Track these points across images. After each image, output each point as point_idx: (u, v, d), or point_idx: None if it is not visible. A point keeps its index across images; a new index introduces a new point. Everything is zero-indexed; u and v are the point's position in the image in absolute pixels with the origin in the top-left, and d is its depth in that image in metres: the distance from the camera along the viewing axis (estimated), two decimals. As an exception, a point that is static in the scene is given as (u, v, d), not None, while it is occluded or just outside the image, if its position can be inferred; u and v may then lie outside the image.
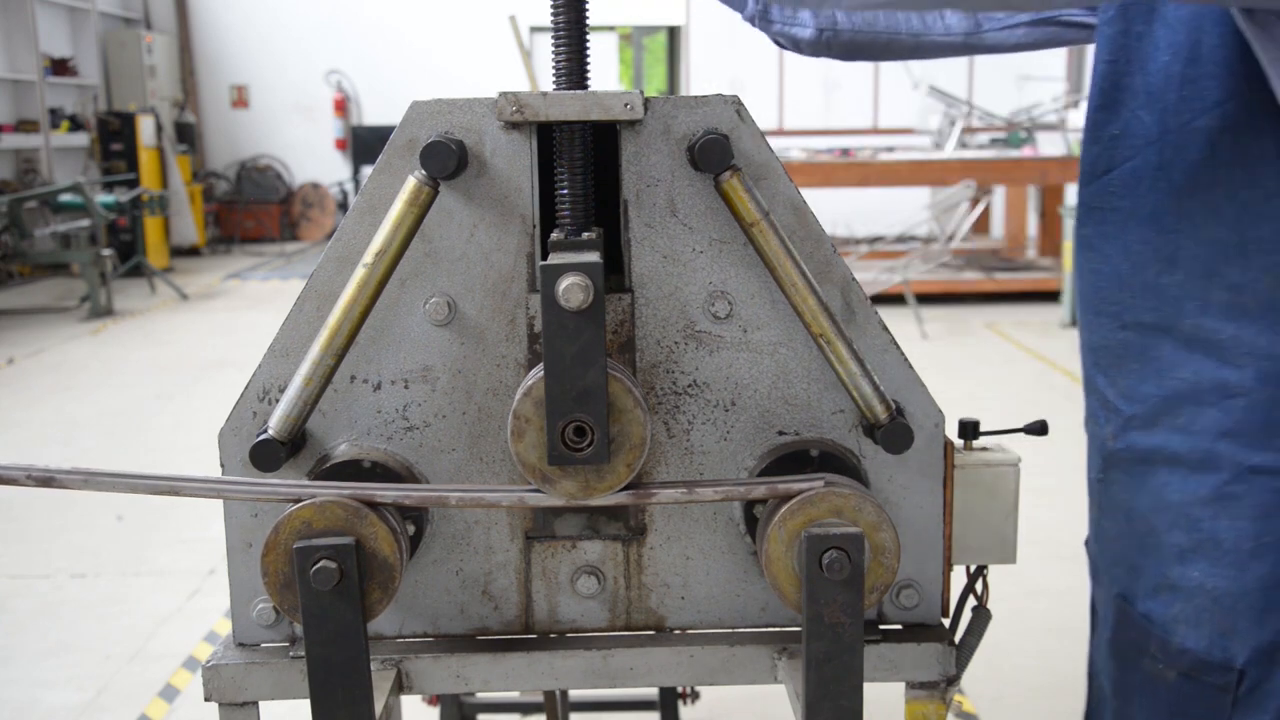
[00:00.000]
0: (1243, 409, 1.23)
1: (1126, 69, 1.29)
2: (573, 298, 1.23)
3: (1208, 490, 1.27)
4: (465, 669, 1.54)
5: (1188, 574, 1.29)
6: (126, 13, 16.10)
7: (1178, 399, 1.29)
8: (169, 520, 5.11)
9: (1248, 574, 1.25)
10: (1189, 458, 1.28)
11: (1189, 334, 1.27)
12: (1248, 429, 1.24)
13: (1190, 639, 1.30)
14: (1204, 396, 1.26)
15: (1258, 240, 1.21)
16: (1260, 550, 1.24)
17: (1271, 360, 1.21)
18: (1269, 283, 1.21)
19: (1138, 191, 1.30)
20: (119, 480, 1.36)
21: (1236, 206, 1.22)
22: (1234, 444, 1.25)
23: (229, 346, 9.06)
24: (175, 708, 3.62)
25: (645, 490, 1.37)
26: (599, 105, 1.41)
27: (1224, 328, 1.24)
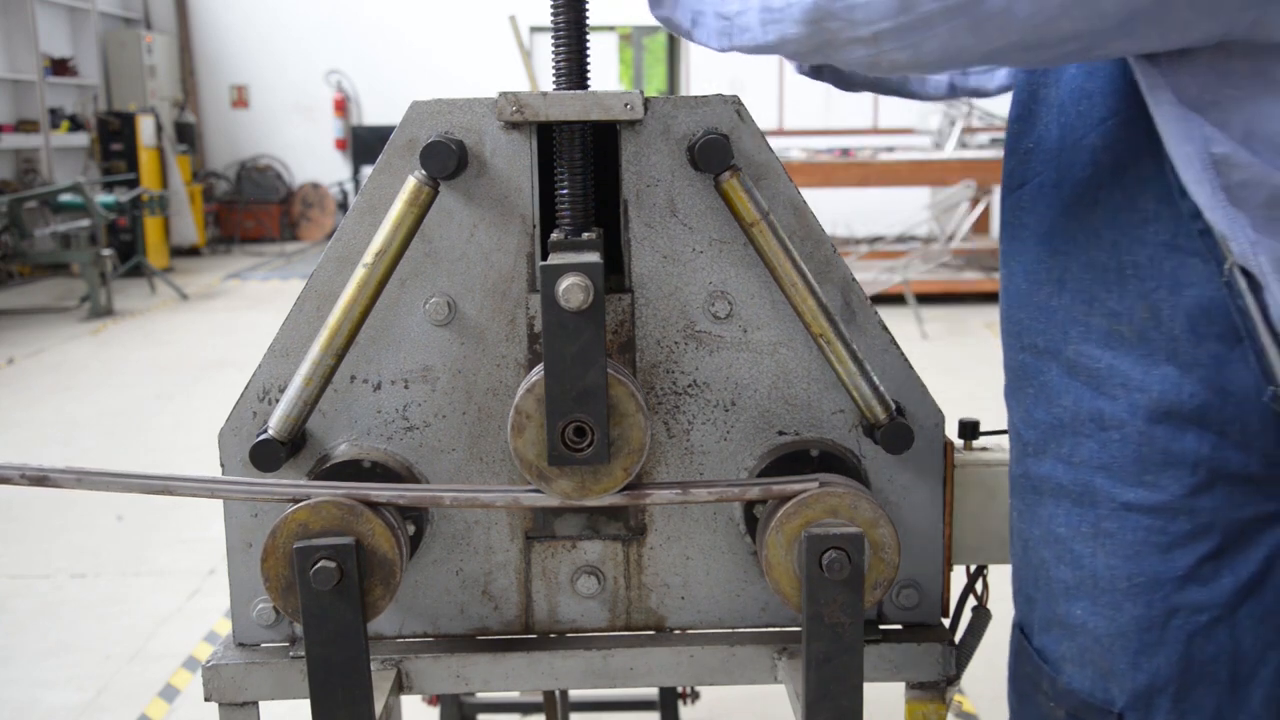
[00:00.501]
0: (1117, 443, 1.18)
1: (1043, 80, 1.25)
2: (573, 298, 1.23)
3: (1088, 525, 1.22)
4: (465, 669, 1.54)
5: (1072, 611, 1.25)
6: (126, 13, 16.10)
7: (1062, 428, 1.24)
8: (169, 520, 5.11)
9: (1123, 614, 1.20)
10: (1071, 490, 1.23)
11: (1071, 361, 1.22)
12: (1120, 464, 1.18)
13: (1076, 679, 1.26)
14: (1083, 427, 1.21)
15: (1135, 266, 1.15)
16: (1134, 590, 1.19)
17: (1144, 393, 1.15)
18: (1144, 312, 1.14)
19: (1039, 208, 1.25)
20: (113, 479, 1.36)
21: (1115, 230, 1.17)
22: (1109, 479, 1.19)
23: (229, 346, 9.06)
24: (175, 708, 3.62)
25: (640, 491, 1.37)
26: (599, 105, 1.41)
27: (1102, 356, 1.19)
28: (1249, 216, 1.07)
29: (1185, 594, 1.16)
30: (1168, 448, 1.15)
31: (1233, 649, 1.15)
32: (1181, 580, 1.16)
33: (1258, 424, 1.11)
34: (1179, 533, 1.16)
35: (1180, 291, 1.13)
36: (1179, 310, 1.13)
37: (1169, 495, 1.16)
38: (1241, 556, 1.14)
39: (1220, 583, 1.15)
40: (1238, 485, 1.13)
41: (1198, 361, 1.12)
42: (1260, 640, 1.14)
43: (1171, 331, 1.13)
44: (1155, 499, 1.16)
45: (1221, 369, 1.11)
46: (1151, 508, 1.17)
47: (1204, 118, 1.06)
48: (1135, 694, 1.20)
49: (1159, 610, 1.18)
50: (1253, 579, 1.13)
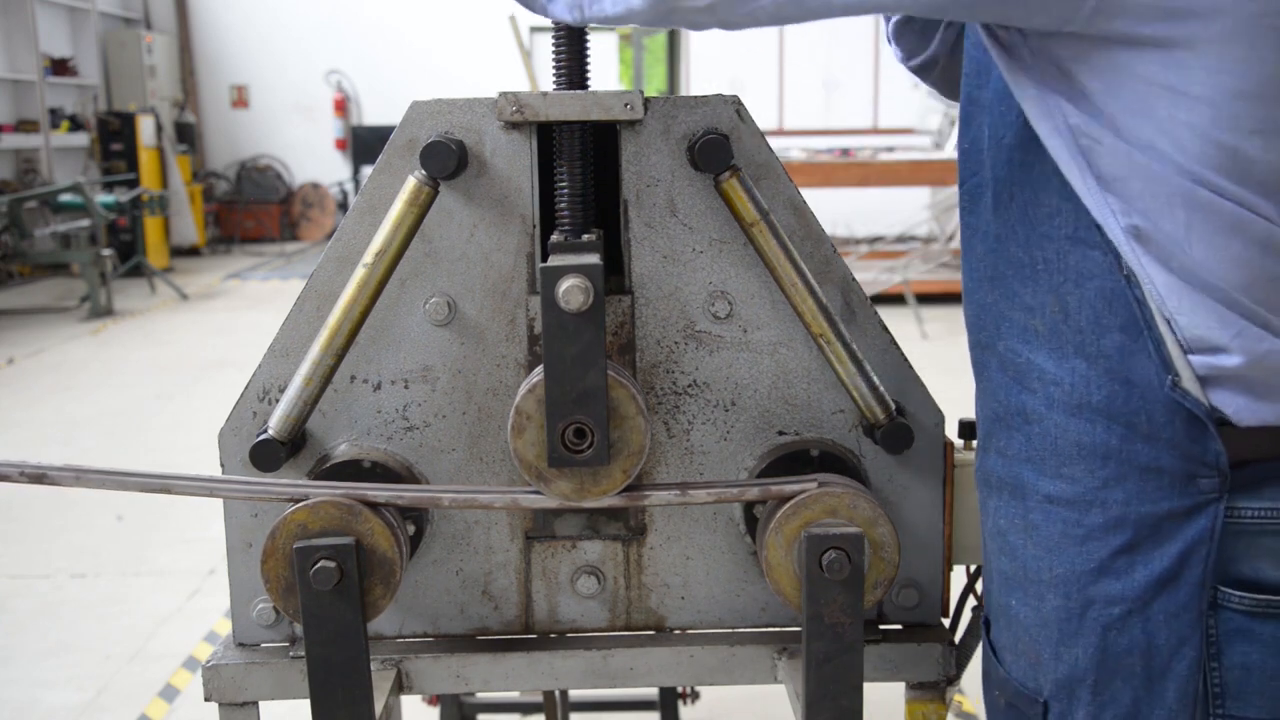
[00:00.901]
0: (1038, 436, 1.21)
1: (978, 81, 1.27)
2: (573, 300, 1.23)
3: (1019, 518, 1.25)
4: (465, 669, 1.54)
5: (1009, 602, 1.28)
6: (126, 13, 16.10)
7: (998, 422, 1.27)
8: (169, 520, 5.10)
9: (1045, 605, 1.23)
10: (1006, 483, 1.26)
11: (1002, 356, 1.25)
12: (1041, 456, 1.21)
13: (1014, 668, 1.29)
14: (1012, 420, 1.24)
15: (1044, 261, 1.18)
16: (1054, 582, 1.21)
17: (1057, 386, 1.18)
18: (1054, 306, 1.17)
19: (977, 207, 1.28)
20: (111, 478, 1.36)
21: (1026, 226, 1.19)
22: (1034, 471, 1.22)
23: (229, 346, 9.06)
24: (175, 708, 3.62)
25: (638, 492, 1.37)
26: (599, 105, 1.41)
27: (1022, 350, 1.22)
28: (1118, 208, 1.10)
29: (1100, 586, 1.18)
30: (1079, 440, 1.17)
31: (1146, 643, 1.17)
32: (1096, 572, 1.18)
33: (1163, 415, 1.13)
34: (1093, 525, 1.18)
35: (1083, 284, 1.15)
36: (1084, 303, 1.15)
37: (1083, 487, 1.18)
38: (1156, 551, 1.15)
39: (1134, 576, 1.16)
40: (1149, 478, 1.14)
41: (1102, 353, 1.15)
42: (1174, 635, 1.15)
43: (1078, 324, 1.16)
44: (1071, 491, 1.19)
45: (1125, 360, 1.14)
46: (1069, 500, 1.19)
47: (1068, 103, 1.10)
48: (1058, 683, 1.23)
49: (1076, 601, 1.20)
50: (1166, 574, 1.15)
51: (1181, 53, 1.03)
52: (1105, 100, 1.08)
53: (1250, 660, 1.13)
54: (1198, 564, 1.13)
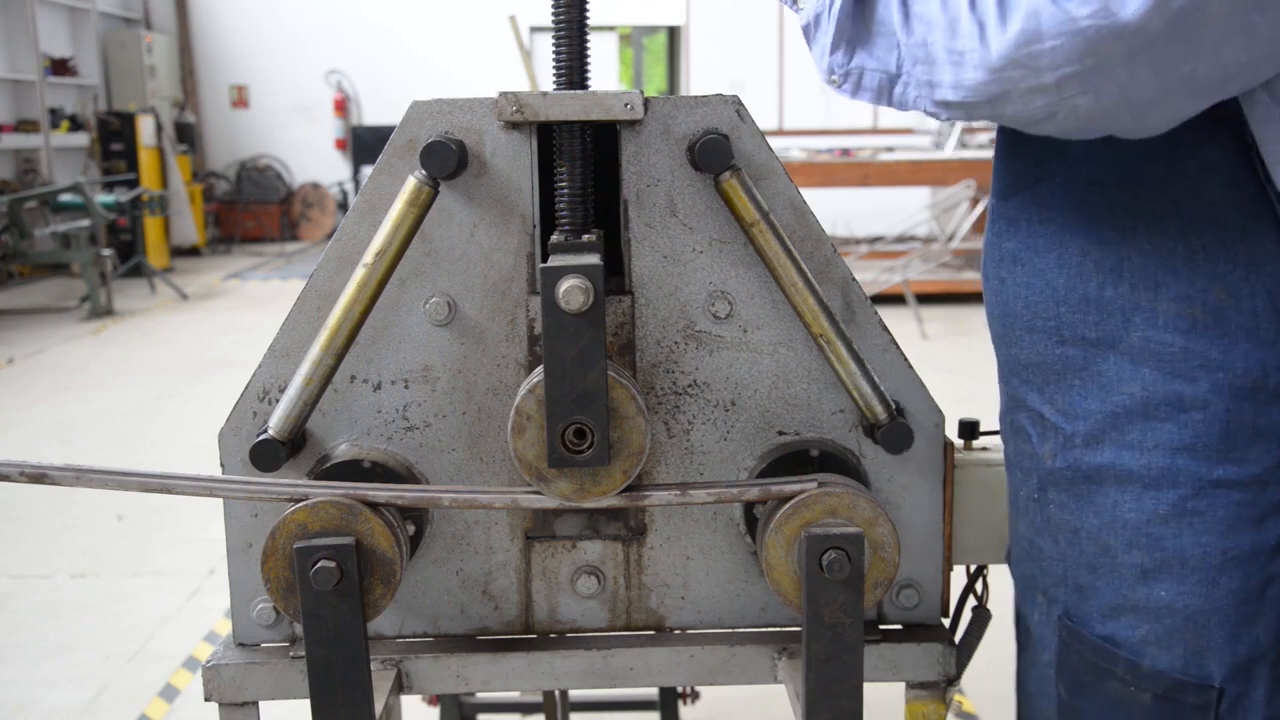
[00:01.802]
0: (1200, 423, 1.21)
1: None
2: (573, 300, 1.23)
3: (1167, 507, 1.25)
4: (465, 669, 1.54)
5: (1153, 594, 1.27)
6: (126, 13, 16.10)
7: (1127, 415, 1.26)
8: (169, 520, 5.11)
9: (1218, 589, 1.23)
10: (1144, 474, 1.26)
11: (1138, 347, 1.25)
12: (1205, 443, 1.22)
13: (1162, 660, 1.27)
14: (1156, 411, 1.24)
15: (1205, 250, 1.19)
16: (1229, 565, 1.22)
17: (1225, 371, 1.19)
18: (1218, 292, 1.19)
19: (1071, 203, 1.28)
20: (111, 477, 1.36)
21: (1180, 217, 1.20)
22: (1193, 458, 1.22)
23: (229, 346, 9.06)
24: (175, 708, 3.62)
25: (638, 492, 1.37)
26: (599, 105, 1.41)
27: (1175, 340, 1.22)
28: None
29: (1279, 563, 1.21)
30: (1255, 423, 1.20)
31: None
32: (1276, 549, 1.21)
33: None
34: (1271, 503, 1.20)
35: (1257, 270, 1.18)
36: (1258, 289, 1.17)
37: (1260, 468, 1.20)
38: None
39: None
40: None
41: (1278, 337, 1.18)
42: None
43: (1252, 309, 1.18)
44: (1246, 473, 1.20)
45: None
46: (1242, 482, 1.21)
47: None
48: (1235, 666, 1.24)
49: (1255, 582, 1.22)
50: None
51: None
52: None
53: None
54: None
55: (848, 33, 1.24)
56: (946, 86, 1.16)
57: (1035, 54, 1.06)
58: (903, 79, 1.21)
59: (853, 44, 1.24)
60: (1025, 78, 1.08)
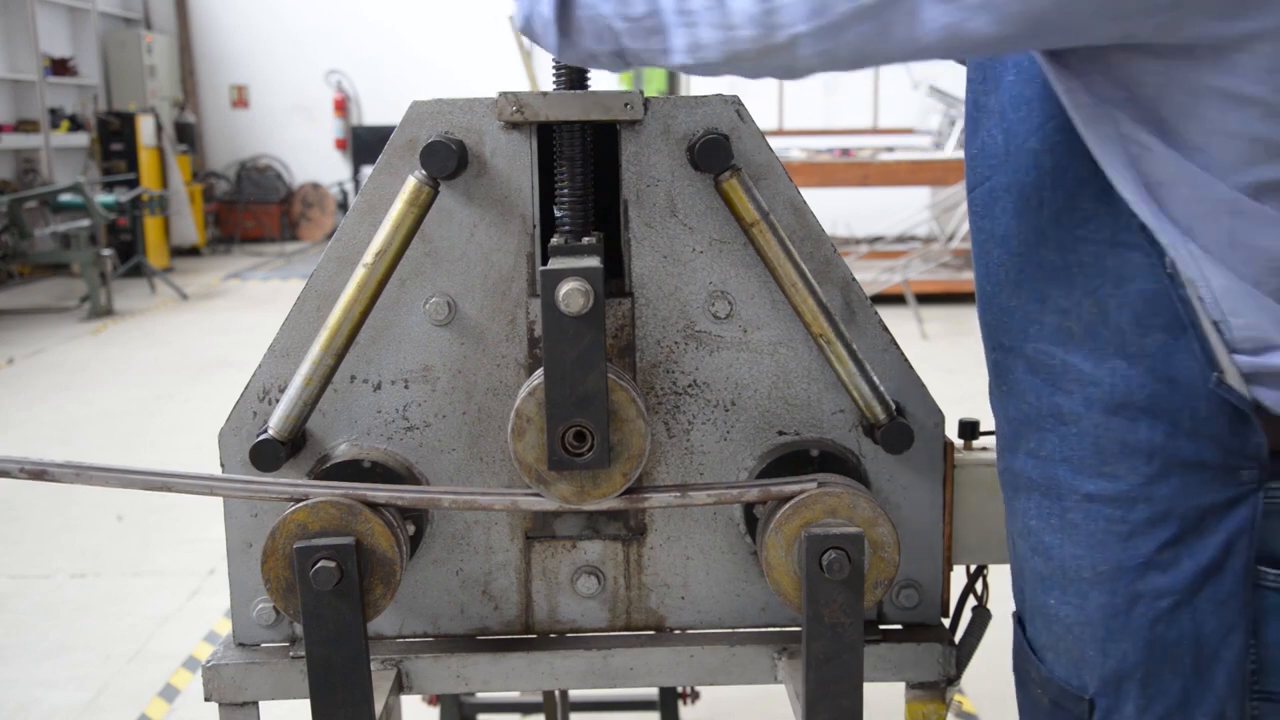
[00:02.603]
0: (1075, 436, 1.22)
1: (983, 88, 1.28)
2: (573, 303, 1.23)
3: (1055, 518, 1.26)
4: (465, 669, 1.54)
5: (1047, 601, 1.29)
6: (126, 13, 16.10)
7: (1028, 423, 1.28)
8: (169, 520, 5.10)
9: (1090, 603, 1.23)
10: (1039, 484, 1.27)
11: (1031, 358, 1.26)
12: (1079, 456, 1.22)
13: (1056, 666, 1.30)
14: (1045, 422, 1.25)
15: (1079, 264, 1.19)
16: (1098, 579, 1.22)
17: (1096, 386, 1.19)
18: (1091, 308, 1.19)
19: (994, 211, 1.29)
20: (111, 475, 1.36)
21: (1060, 230, 1.21)
22: (1070, 471, 1.23)
23: (229, 346, 9.06)
24: (175, 708, 3.62)
25: (638, 495, 1.37)
26: (599, 105, 1.41)
27: (1055, 353, 1.23)
28: (1172, 214, 1.11)
29: (1147, 581, 1.19)
30: (1123, 439, 1.18)
31: (1195, 633, 1.18)
32: (1143, 567, 1.19)
33: (1206, 411, 1.14)
34: (1139, 521, 1.19)
35: (1124, 286, 1.16)
36: (1124, 304, 1.16)
37: (1127, 485, 1.19)
38: (1200, 542, 1.16)
39: (1180, 568, 1.17)
40: (1193, 473, 1.16)
41: (1145, 353, 1.16)
42: (1221, 623, 1.17)
43: (1118, 325, 1.17)
44: (1114, 489, 1.20)
45: (1168, 359, 1.15)
46: (1111, 497, 1.20)
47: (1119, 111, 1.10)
48: (1105, 680, 1.24)
49: (1123, 597, 1.21)
50: (1212, 563, 1.16)
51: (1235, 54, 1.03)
52: (1156, 105, 1.09)
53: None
54: (1241, 551, 1.15)
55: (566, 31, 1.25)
56: (681, 51, 1.17)
57: (769, 10, 1.09)
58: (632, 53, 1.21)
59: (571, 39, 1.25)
60: (758, 38, 1.12)
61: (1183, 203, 1.11)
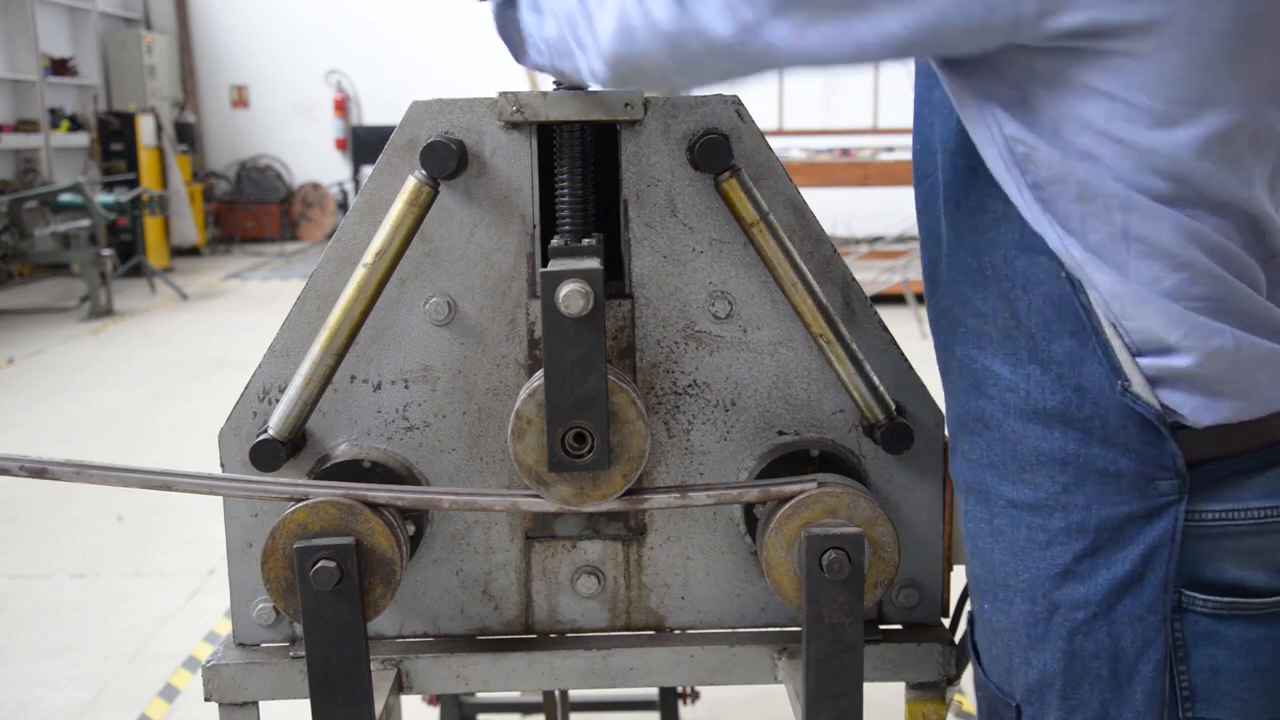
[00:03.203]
0: (998, 441, 1.21)
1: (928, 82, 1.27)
2: (573, 304, 1.23)
3: (985, 523, 1.25)
4: (465, 669, 1.54)
5: (983, 605, 1.29)
6: (126, 13, 16.09)
7: (961, 426, 1.28)
8: (169, 520, 5.10)
9: (1014, 610, 1.23)
10: (973, 487, 1.27)
11: (959, 361, 1.25)
12: (1001, 462, 1.21)
13: (991, 671, 1.30)
14: (973, 425, 1.25)
15: (993, 267, 1.18)
16: (1021, 587, 1.21)
17: (1013, 393, 1.18)
18: (1005, 312, 1.17)
19: (932, 209, 1.28)
20: (111, 473, 1.36)
21: (974, 232, 1.19)
22: (996, 476, 1.22)
23: (229, 346, 9.05)
24: (175, 708, 3.62)
25: (638, 496, 1.37)
26: (599, 105, 1.41)
27: (977, 357, 1.22)
28: (1059, 214, 1.10)
29: (1065, 590, 1.18)
30: (1037, 446, 1.18)
31: (1112, 646, 1.17)
32: (1060, 577, 1.18)
33: (1116, 419, 1.13)
34: (1056, 530, 1.18)
35: (1032, 290, 1.15)
36: (1033, 309, 1.15)
37: (1044, 493, 1.18)
38: (1118, 554, 1.15)
39: (1097, 580, 1.16)
40: (1108, 482, 1.14)
41: (1054, 359, 1.15)
42: (1139, 638, 1.15)
43: (1029, 330, 1.16)
44: (1033, 496, 1.19)
45: (1076, 365, 1.14)
46: (1031, 505, 1.19)
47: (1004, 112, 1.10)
48: (1029, 688, 1.23)
49: (1042, 606, 1.20)
50: (1128, 576, 1.15)
51: (1121, 60, 1.03)
52: (1043, 108, 1.08)
53: (1218, 663, 1.14)
54: (1160, 565, 1.13)
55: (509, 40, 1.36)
56: (585, 72, 1.25)
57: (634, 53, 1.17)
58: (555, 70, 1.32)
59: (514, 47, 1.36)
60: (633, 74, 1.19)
61: (1070, 200, 1.09)
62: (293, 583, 1.35)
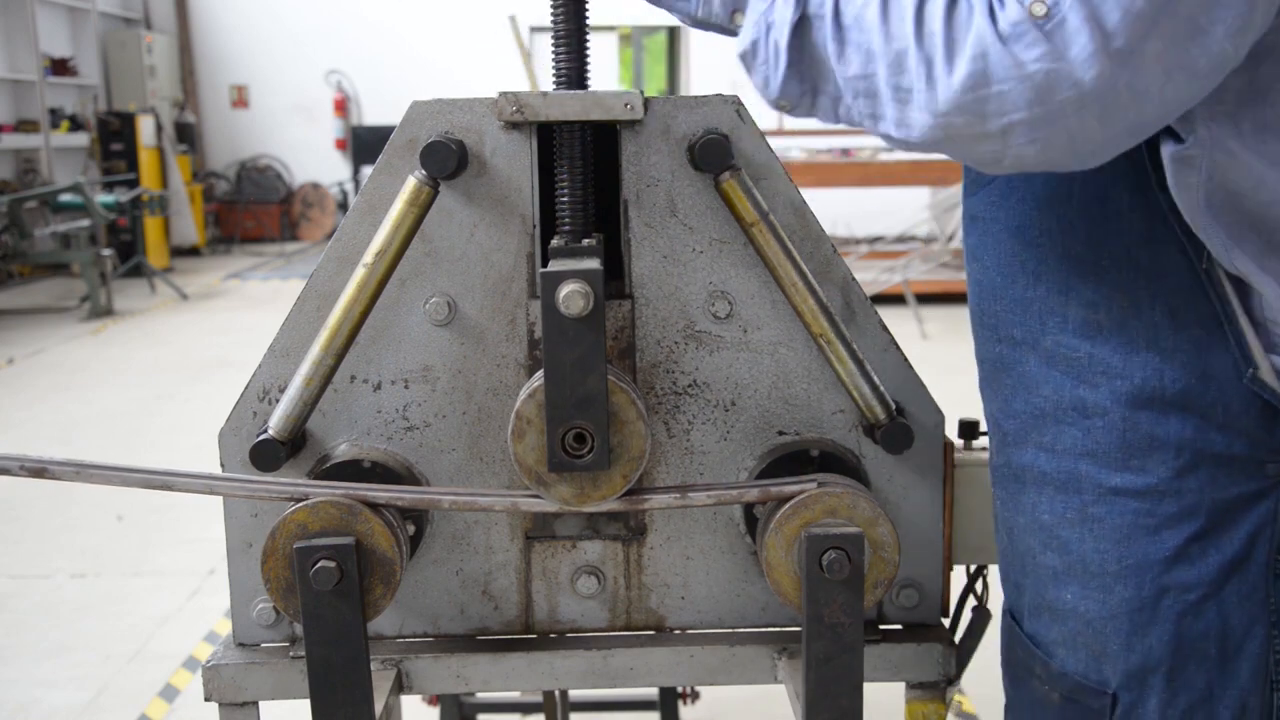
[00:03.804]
0: (1101, 429, 1.21)
1: None
2: (573, 305, 1.23)
3: (1073, 512, 1.25)
4: (465, 669, 1.54)
5: (1062, 596, 1.28)
6: (126, 13, 16.09)
7: (1043, 417, 1.27)
8: (169, 520, 5.10)
9: (1113, 597, 1.23)
10: (1055, 477, 1.26)
11: (1050, 351, 1.25)
12: (1105, 449, 1.21)
13: (1069, 662, 1.29)
14: (1065, 415, 1.24)
15: (1111, 257, 1.18)
16: (1124, 573, 1.22)
17: (1125, 380, 1.19)
18: (1123, 300, 1.18)
19: (1009, 203, 1.28)
20: (111, 473, 1.36)
21: (1090, 223, 1.20)
22: (1094, 464, 1.22)
23: (229, 346, 9.06)
24: (175, 708, 3.62)
25: (638, 496, 1.37)
26: (599, 105, 1.41)
27: (1081, 346, 1.22)
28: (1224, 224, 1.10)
29: (1174, 574, 1.19)
30: (1152, 432, 1.18)
31: (1221, 625, 1.18)
32: (1170, 561, 1.19)
33: (1239, 406, 1.15)
34: (1166, 514, 1.19)
35: (1159, 280, 1.16)
36: (1158, 298, 1.16)
37: (1155, 478, 1.19)
38: (1227, 535, 1.17)
39: (1207, 561, 1.18)
40: (1221, 466, 1.16)
41: (1178, 347, 1.16)
42: (1246, 615, 1.18)
43: (1151, 319, 1.17)
44: (1142, 482, 1.20)
45: (1202, 354, 1.15)
46: (1139, 491, 1.20)
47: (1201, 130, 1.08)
48: (1129, 674, 1.23)
49: (1150, 591, 1.21)
50: (1238, 556, 1.17)
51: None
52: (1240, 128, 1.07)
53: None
54: (1264, 544, 1.16)
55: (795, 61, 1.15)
56: (890, 122, 1.09)
57: (982, 99, 1.01)
58: (845, 106, 1.14)
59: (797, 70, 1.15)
60: (971, 124, 1.03)
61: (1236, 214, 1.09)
62: (293, 583, 1.35)
